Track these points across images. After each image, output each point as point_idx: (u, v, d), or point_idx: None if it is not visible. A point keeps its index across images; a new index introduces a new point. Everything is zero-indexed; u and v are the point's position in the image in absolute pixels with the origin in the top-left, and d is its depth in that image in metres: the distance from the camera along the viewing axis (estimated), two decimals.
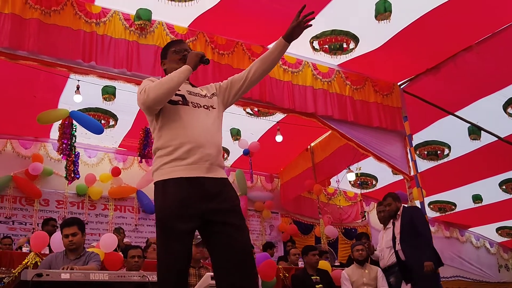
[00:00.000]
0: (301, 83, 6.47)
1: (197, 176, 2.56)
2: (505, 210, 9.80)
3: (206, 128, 2.68)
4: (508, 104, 6.97)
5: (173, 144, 2.61)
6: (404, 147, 7.11)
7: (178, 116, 2.66)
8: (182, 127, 2.64)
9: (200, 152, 2.59)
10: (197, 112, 2.71)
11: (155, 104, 2.61)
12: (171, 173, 2.57)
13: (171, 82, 2.61)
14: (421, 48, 6.32)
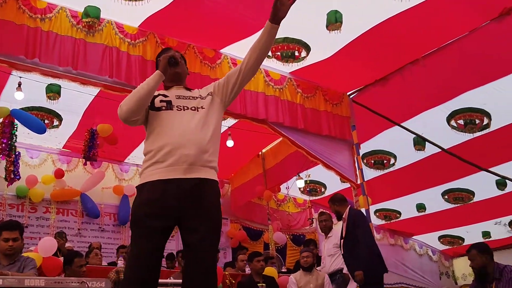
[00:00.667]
0: (253, 89, 6.47)
1: (173, 178, 2.55)
2: (447, 219, 10.08)
3: (187, 129, 2.65)
4: (451, 116, 7.18)
5: (154, 148, 2.62)
6: (351, 156, 7.23)
7: (160, 121, 2.68)
8: (163, 131, 2.65)
9: (179, 154, 2.58)
10: (180, 114, 2.71)
11: (129, 115, 2.64)
12: (149, 177, 2.59)
13: (141, 90, 2.64)
14: (370, 59, 6.45)
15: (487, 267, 4.96)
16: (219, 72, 6.15)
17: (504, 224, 10.31)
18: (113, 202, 9.10)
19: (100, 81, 5.50)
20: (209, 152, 2.66)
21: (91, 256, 6.45)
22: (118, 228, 9.05)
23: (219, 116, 2.85)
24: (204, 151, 2.64)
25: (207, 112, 2.77)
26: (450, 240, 11.35)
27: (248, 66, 2.83)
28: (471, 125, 7.21)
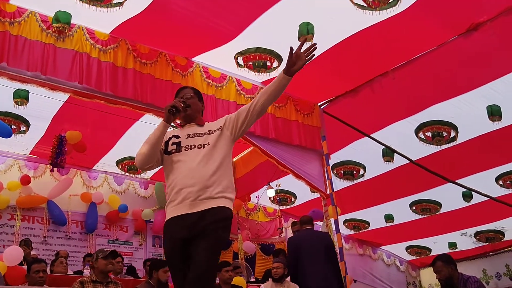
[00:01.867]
0: (225, 97, 6.46)
1: (181, 214, 2.92)
2: (415, 229, 10.23)
3: (191, 168, 2.97)
4: (419, 129, 7.31)
5: (168, 190, 3.03)
6: (321, 166, 7.27)
7: (171, 165, 3.05)
8: (174, 173, 3.02)
9: (183, 192, 2.93)
10: (187, 154, 3.03)
11: (143, 164, 3.08)
12: (167, 215, 3.01)
13: (149, 143, 3.03)
14: (341, 70, 6.53)
15: (453, 277, 5.04)
16: (190, 80, 6.13)
17: (469, 235, 10.50)
18: (80, 210, 8.94)
19: (70, 87, 5.40)
20: (214, 186, 2.95)
21: (56, 264, 6.33)
22: (85, 236, 8.89)
23: (228, 149, 3.11)
24: (207, 186, 2.93)
25: (213, 147, 3.05)
26: (418, 251, 11.51)
27: (257, 107, 3.07)
28: (438, 138, 7.35)
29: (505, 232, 10.17)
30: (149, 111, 5.94)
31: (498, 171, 8.03)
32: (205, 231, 2.85)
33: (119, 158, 8.87)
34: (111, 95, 5.56)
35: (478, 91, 6.54)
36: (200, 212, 2.89)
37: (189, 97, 3.25)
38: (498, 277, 10.93)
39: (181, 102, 3.12)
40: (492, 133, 7.08)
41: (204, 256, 2.81)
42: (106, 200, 9.14)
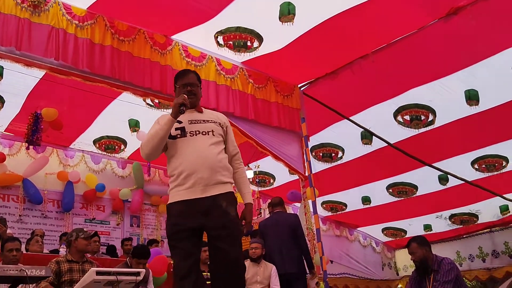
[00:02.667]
0: (204, 77, 6.37)
1: (193, 198, 3.07)
2: (391, 212, 10.36)
3: (200, 154, 3.12)
4: (398, 112, 7.36)
5: (175, 172, 3.13)
6: (300, 148, 7.28)
7: (177, 149, 3.16)
8: (180, 157, 3.13)
9: (194, 177, 3.07)
10: (193, 140, 3.17)
11: (151, 157, 3.19)
12: (173, 198, 3.13)
13: (157, 136, 3.12)
14: (321, 52, 6.50)
15: (427, 259, 5.12)
16: (169, 58, 6.05)
17: (444, 218, 10.67)
18: (57, 189, 8.83)
19: (46, 63, 5.27)
20: (222, 171, 3.14)
21: (32, 243, 6.27)
22: (61, 215, 8.80)
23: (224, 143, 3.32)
24: (216, 172, 3.11)
25: (217, 136, 3.23)
26: (393, 232, 11.67)
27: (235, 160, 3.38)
28: (416, 121, 7.41)
29: (479, 215, 10.35)
30: (127, 89, 5.86)
31: (474, 155, 8.14)
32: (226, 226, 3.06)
33: (96, 137, 8.76)
34: (88, 72, 5.46)
35: (456, 75, 6.60)
36: (212, 197, 3.07)
37: (196, 86, 3.36)
38: (471, 259, 11.15)
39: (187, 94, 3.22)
40: (469, 118, 7.16)
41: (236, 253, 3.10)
42: (83, 179, 9.04)
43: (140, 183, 9.62)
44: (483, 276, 10.89)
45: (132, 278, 4.07)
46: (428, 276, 5.14)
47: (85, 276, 4.02)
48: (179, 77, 3.38)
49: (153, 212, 10.02)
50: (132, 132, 8.37)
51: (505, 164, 8.26)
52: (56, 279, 4.72)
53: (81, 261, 4.94)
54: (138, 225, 9.71)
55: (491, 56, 6.24)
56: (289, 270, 5.95)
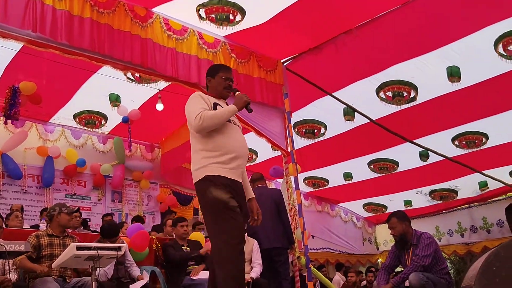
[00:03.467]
0: (186, 51, 6.28)
1: (235, 179, 3.40)
2: (372, 187, 10.46)
3: (241, 142, 3.51)
4: (380, 88, 7.35)
5: (221, 150, 3.37)
6: (283, 124, 7.25)
7: (223, 130, 3.42)
8: (226, 139, 3.42)
9: (238, 161, 3.42)
10: (234, 128, 3.52)
11: (205, 130, 3.38)
12: (218, 171, 3.33)
13: (222, 119, 3.40)
14: (305, 27, 6.43)
15: (407, 233, 5.19)
16: (150, 32, 5.92)
17: (424, 194, 10.81)
18: (36, 164, 8.72)
19: (23, 35, 5.12)
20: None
21: (11, 218, 6.21)
22: (41, 190, 8.72)
23: None
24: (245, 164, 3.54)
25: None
26: (374, 208, 11.80)
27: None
28: (399, 97, 7.43)
29: (459, 191, 10.52)
30: (106, 62, 5.74)
31: (455, 131, 8.21)
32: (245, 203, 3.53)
33: (76, 111, 8.64)
34: (67, 45, 5.32)
35: (438, 52, 6.60)
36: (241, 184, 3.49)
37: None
38: (450, 234, 11.36)
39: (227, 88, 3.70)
40: (451, 94, 7.20)
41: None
42: (63, 154, 8.94)
43: (122, 159, 9.55)
44: (461, 250, 11.13)
45: (113, 253, 4.06)
46: (407, 250, 5.23)
47: (66, 251, 4.01)
48: (223, 69, 3.76)
49: (135, 187, 9.97)
50: (112, 106, 8.27)
51: (485, 141, 8.35)
52: (35, 253, 4.70)
53: (62, 236, 4.92)
54: (119, 201, 9.67)
55: (474, 33, 6.24)
56: (275, 244, 6.00)
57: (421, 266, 4.91)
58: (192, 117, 3.38)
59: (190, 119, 3.44)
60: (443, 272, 5.06)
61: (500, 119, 7.64)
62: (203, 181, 3.33)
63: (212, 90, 3.71)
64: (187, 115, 3.50)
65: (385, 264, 5.45)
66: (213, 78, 3.71)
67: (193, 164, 3.47)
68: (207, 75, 3.79)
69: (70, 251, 3.89)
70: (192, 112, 3.41)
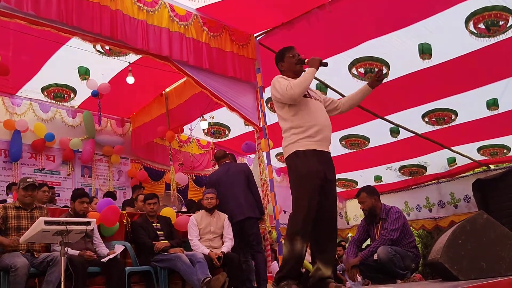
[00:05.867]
0: (157, 23, 6.15)
1: (323, 150, 3.69)
2: (343, 163, 10.52)
3: (324, 115, 3.80)
4: (353, 65, 7.38)
5: (306, 125, 3.66)
6: (255, 99, 7.22)
7: (306, 106, 3.74)
8: (310, 114, 3.71)
9: (324, 133, 3.69)
10: (315, 102, 3.81)
11: (299, 96, 3.68)
12: (307, 146, 3.63)
13: (307, 81, 3.70)
14: (278, 1, 6.37)
15: (376, 208, 5.28)
16: (120, 3, 5.74)
17: (394, 169, 11.00)
18: (3, 138, 8.50)
19: None
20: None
21: None
22: (9, 165, 8.51)
23: None
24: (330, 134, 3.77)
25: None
26: (345, 183, 11.95)
27: (340, 108, 4.07)
28: (370, 74, 7.46)
29: (428, 167, 10.73)
30: (75, 34, 5.56)
31: (425, 108, 8.33)
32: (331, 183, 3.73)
33: (44, 84, 8.43)
34: (33, 15, 5.15)
35: (410, 29, 6.64)
36: (328, 154, 3.74)
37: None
38: (418, 208, 11.60)
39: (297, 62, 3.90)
40: (422, 71, 7.27)
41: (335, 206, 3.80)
42: (31, 128, 8.73)
43: (91, 133, 9.40)
44: (429, 225, 11.40)
45: (82, 227, 4.02)
46: (376, 224, 5.33)
47: (34, 225, 3.95)
48: (287, 50, 3.99)
49: (105, 162, 9.84)
50: (82, 80, 8.09)
51: (454, 118, 8.51)
52: (3, 224, 4.64)
53: (30, 208, 4.85)
54: (89, 176, 9.54)
55: (445, 10, 6.28)
56: (248, 214, 6.03)
57: (389, 240, 5.01)
58: (284, 89, 3.66)
59: (282, 92, 3.68)
60: (411, 245, 5.17)
61: (469, 97, 7.77)
62: (295, 155, 3.65)
63: (287, 72, 3.92)
64: (276, 93, 3.74)
65: (354, 238, 5.54)
66: (283, 61, 3.97)
67: (284, 141, 3.78)
68: (277, 62, 4.03)
69: (38, 225, 3.83)
70: (281, 87, 3.69)
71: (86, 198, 5.51)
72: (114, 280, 5.02)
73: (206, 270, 5.34)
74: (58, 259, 4.42)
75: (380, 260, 4.94)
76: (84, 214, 5.32)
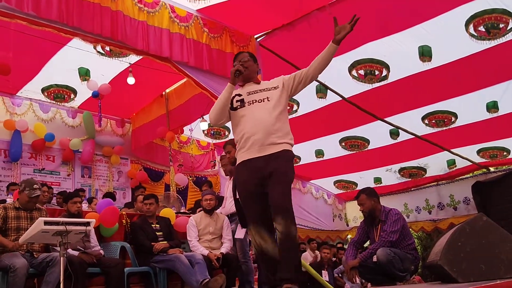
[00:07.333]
0: (157, 24, 6.16)
1: (250, 158, 3.57)
2: (343, 165, 10.58)
3: (257, 119, 3.58)
4: (353, 66, 7.37)
5: (237, 138, 3.67)
6: None
7: (238, 117, 3.67)
8: (241, 124, 3.64)
9: (251, 139, 3.55)
10: (251, 108, 3.64)
11: (216, 122, 3.77)
12: (240, 158, 3.65)
13: (219, 102, 3.68)
14: (279, 2, 6.37)
15: (375, 210, 5.27)
16: (120, 4, 5.75)
17: (394, 171, 10.99)
18: (3, 138, 8.52)
19: None
20: (277, 133, 3.56)
21: None
22: (9, 165, 8.53)
23: (285, 104, 3.73)
24: (271, 133, 3.54)
25: (272, 101, 3.64)
26: (345, 185, 11.95)
27: (310, 71, 3.75)
28: (370, 76, 7.47)
29: (427, 169, 10.72)
30: (75, 34, 5.58)
31: (425, 110, 8.32)
32: (275, 174, 3.46)
33: (45, 85, 8.44)
34: (34, 16, 5.17)
35: (411, 31, 6.63)
36: (267, 156, 3.52)
37: (246, 60, 3.80)
38: (418, 210, 11.59)
39: (240, 65, 3.68)
40: (422, 73, 7.27)
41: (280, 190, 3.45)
42: (31, 128, 8.74)
43: (91, 133, 9.40)
44: (429, 227, 11.39)
45: (82, 228, 4.02)
46: (375, 226, 5.32)
47: (33, 226, 3.95)
48: (235, 59, 3.90)
49: (105, 163, 9.85)
50: (82, 81, 8.10)
51: (454, 120, 8.50)
52: (4, 224, 4.64)
53: (30, 209, 4.85)
54: (89, 176, 9.55)
55: (446, 12, 6.28)
56: None
57: (388, 242, 5.01)
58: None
59: None
60: (410, 247, 5.17)
61: (469, 99, 7.77)
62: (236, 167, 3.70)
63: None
64: None
65: (354, 239, 5.54)
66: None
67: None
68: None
69: (38, 226, 3.83)
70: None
71: (78, 198, 5.54)
72: (114, 281, 5.03)
73: (205, 271, 5.34)
74: (57, 259, 4.42)
75: (379, 262, 4.93)
76: (78, 213, 5.34)
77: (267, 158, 3.51)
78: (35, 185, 4.84)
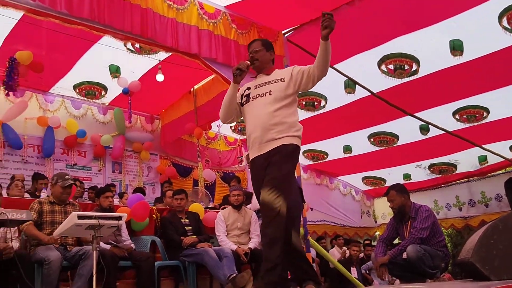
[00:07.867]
0: (186, 21, 6.21)
1: (253, 157, 3.57)
2: (371, 161, 10.48)
3: (255, 116, 3.54)
4: (382, 61, 7.30)
5: (246, 136, 3.66)
6: None
7: (245, 114, 3.66)
8: (246, 122, 3.65)
9: (252, 138, 3.55)
10: (253, 104, 3.59)
11: (225, 121, 3.76)
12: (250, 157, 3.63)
13: (224, 101, 3.66)
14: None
15: (405, 206, 5.22)
16: (150, 1, 5.83)
17: (424, 167, 10.84)
18: (37, 134, 8.72)
19: (22, 3, 5.07)
20: (275, 128, 3.45)
21: (12, 187, 6.25)
22: (42, 160, 8.73)
23: (288, 96, 3.56)
24: (269, 130, 3.45)
25: (274, 94, 3.53)
26: (373, 181, 11.85)
27: (314, 71, 3.57)
28: (400, 70, 7.38)
29: (458, 165, 10.55)
30: (107, 32, 5.69)
31: (456, 105, 8.18)
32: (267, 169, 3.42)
33: (76, 82, 8.61)
34: (66, 14, 5.27)
35: (441, 25, 6.52)
36: (266, 153, 3.46)
37: (257, 51, 3.69)
38: (448, 207, 11.42)
39: (248, 59, 3.64)
40: (453, 68, 7.14)
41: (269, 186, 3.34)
42: (63, 124, 8.93)
43: (122, 130, 9.55)
44: (459, 224, 11.21)
45: (114, 222, 4.10)
46: (405, 223, 5.27)
47: (67, 220, 4.05)
48: (248, 48, 3.77)
49: (135, 158, 9.99)
50: (112, 78, 8.23)
51: (486, 115, 8.34)
52: (39, 218, 4.76)
53: (64, 204, 4.96)
54: (120, 171, 9.70)
55: (477, 6, 6.16)
56: None
57: (418, 239, 4.96)
58: None
59: None
60: (440, 244, 5.10)
61: (502, 94, 7.61)
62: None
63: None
64: None
65: (383, 236, 5.49)
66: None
67: None
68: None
69: (72, 220, 3.93)
70: None
71: (110, 192, 5.65)
72: (144, 274, 5.12)
73: (233, 266, 5.38)
74: (90, 252, 4.52)
75: (409, 259, 4.88)
76: (110, 208, 5.44)
77: (267, 155, 3.46)
78: (66, 176, 4.98)
